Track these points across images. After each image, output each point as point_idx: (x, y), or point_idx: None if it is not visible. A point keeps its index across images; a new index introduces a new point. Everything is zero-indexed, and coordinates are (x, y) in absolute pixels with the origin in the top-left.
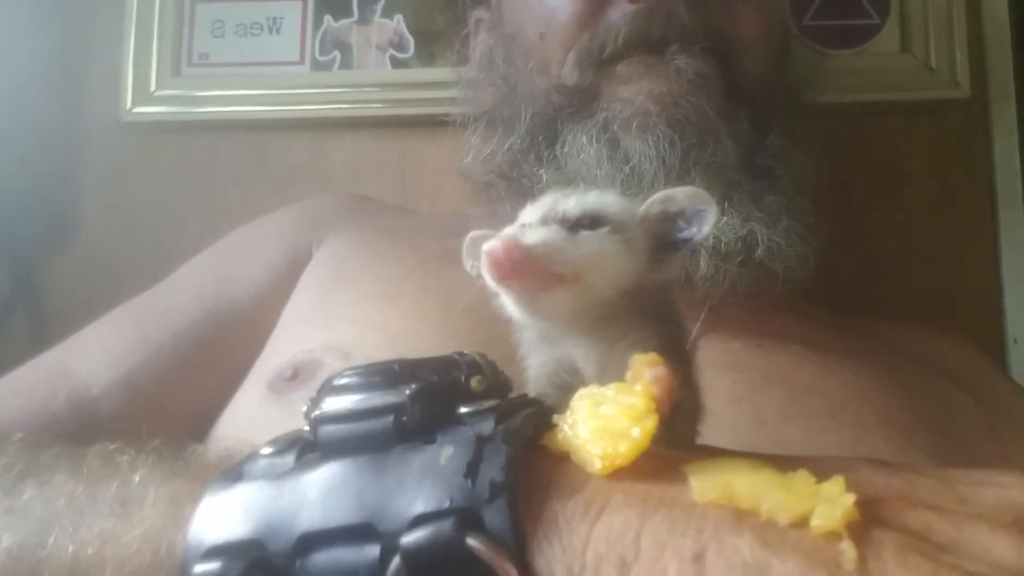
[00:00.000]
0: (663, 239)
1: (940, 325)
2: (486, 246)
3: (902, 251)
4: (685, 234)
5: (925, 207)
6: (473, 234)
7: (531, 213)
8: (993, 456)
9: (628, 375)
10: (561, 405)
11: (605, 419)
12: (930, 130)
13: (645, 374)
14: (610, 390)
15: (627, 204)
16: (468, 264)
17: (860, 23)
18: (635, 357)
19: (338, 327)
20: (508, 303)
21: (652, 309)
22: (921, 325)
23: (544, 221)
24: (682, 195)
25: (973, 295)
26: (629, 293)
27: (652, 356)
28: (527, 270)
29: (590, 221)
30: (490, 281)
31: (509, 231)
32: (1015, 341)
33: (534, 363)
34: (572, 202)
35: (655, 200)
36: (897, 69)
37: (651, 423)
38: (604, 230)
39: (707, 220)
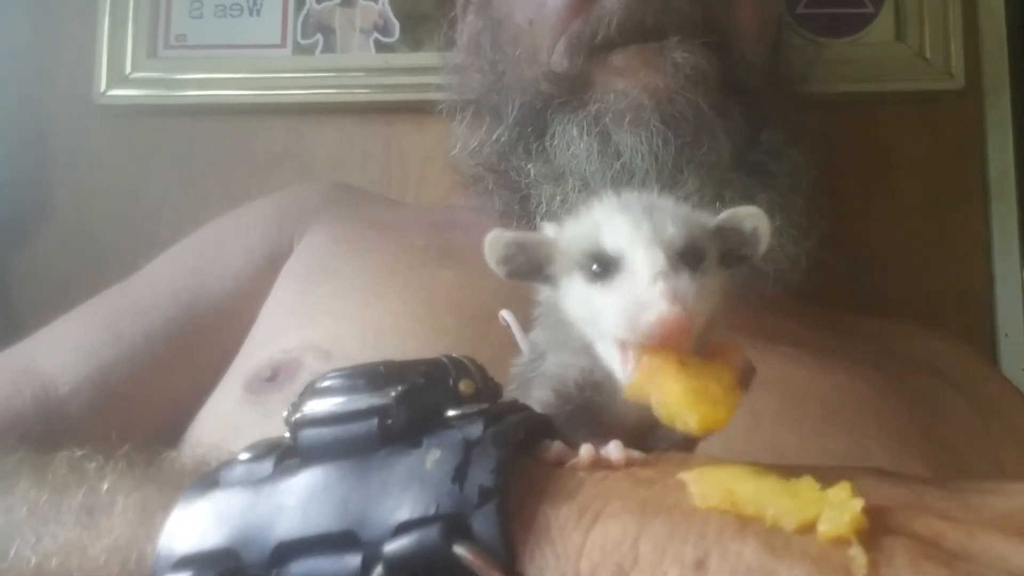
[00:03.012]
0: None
1: (931, 324)
2: (652, 317)
3: (893, 242)
4: (741, 251)
5: (917, 198)
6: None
7: (638, 244)
8: (984, 459)
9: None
10: (559, 415)
11: (697, 381)
12: (923, 121)
13: (726, 351)
14: (692, 362)
15: (698, 217)
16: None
17: (854, 12)
18: (716, 340)
19: (320, 324)
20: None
21: None
22: (913, 324)
23: (671, 261)
24: (745, 214)
25: (965, 288)
26: None
27: (732, 343)
28: (690, 335)
29: (694, 255)
30: (625, 345)
31: (659, 289)
32: (1006, 335)
33: (550, 361)
34: (671, 229)
35: (723, 218)
36: (891, 59)
37: (739, 395)
38: (707, 265)
39: (761, 240)
